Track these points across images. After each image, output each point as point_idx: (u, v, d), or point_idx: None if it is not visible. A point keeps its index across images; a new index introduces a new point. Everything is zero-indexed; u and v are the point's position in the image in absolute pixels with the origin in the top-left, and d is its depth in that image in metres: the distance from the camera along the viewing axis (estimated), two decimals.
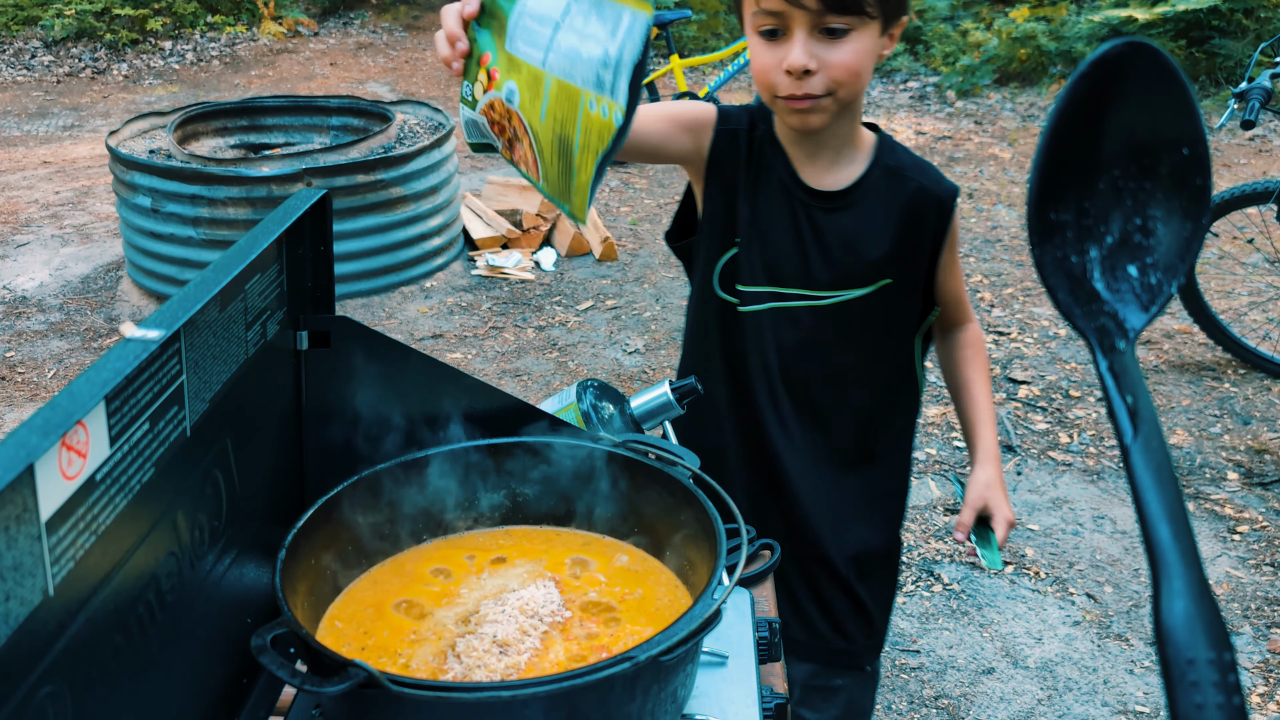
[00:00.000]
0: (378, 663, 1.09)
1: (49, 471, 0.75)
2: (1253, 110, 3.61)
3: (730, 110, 1.69)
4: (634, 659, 0.94)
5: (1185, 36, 8.39)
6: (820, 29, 1.48)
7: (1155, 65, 1.14)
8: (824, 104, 1.54)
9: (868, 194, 1.66)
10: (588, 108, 1.11)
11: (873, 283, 1.67)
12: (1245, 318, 4.79)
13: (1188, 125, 1.14)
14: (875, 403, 1.76)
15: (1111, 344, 1.08)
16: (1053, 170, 1.16)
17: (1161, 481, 0.96)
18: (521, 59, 1.17)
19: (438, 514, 1.31)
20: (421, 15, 12.25)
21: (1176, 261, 1.14)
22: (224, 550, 1.08)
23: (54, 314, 5.14)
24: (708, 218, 1.70)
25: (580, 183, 1.15)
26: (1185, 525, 0.93)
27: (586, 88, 1.10)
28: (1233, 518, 3.49)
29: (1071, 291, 1.13)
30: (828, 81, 1.51)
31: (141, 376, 0.87)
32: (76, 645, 0.81)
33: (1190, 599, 0.88)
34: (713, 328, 1.72)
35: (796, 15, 1.47)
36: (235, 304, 1.06)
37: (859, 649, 1.85)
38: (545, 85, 1.14)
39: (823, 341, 1.70)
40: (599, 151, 1.11)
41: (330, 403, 1.29)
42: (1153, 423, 1.00)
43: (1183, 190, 1.14)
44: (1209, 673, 0.84)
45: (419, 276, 5.41)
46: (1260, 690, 2.77)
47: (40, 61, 10.62)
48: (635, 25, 1.07)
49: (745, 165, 1.66)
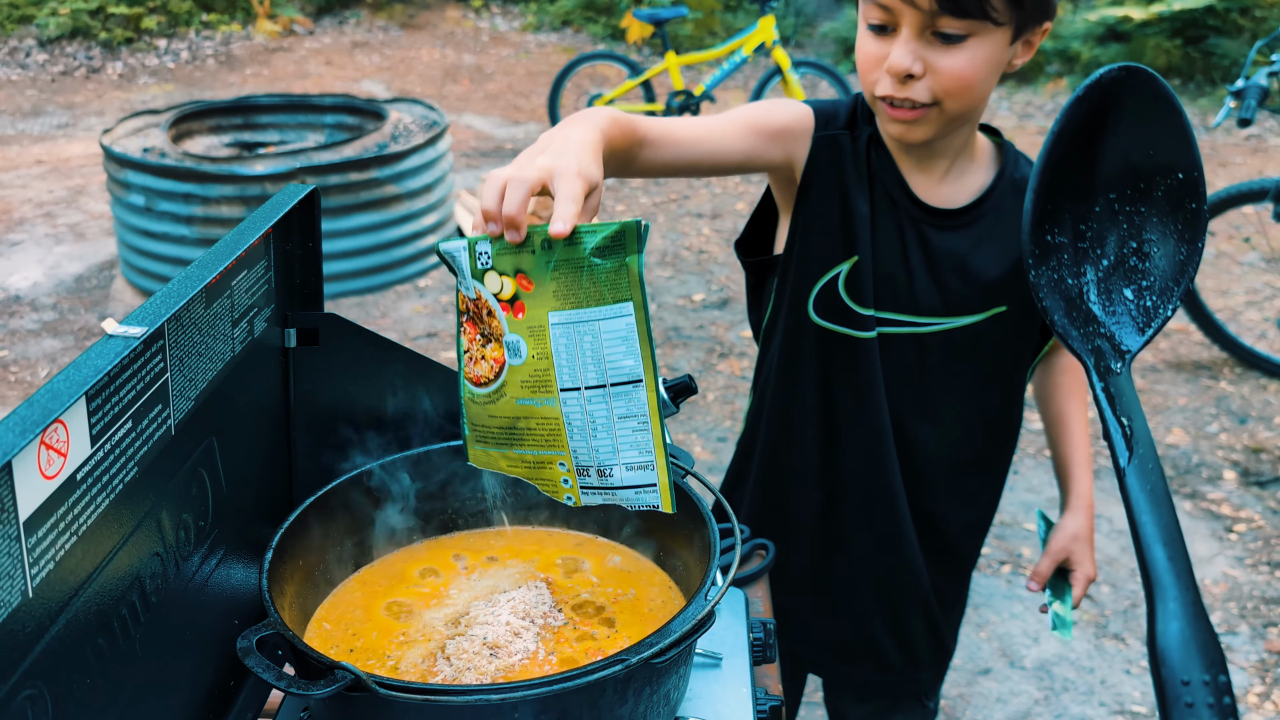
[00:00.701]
0: (366, 665, 1.08)
1: (27, 470, 0.73)
2: (1249, 108, 3.61)
3: (827, 110, 1.50)
4: (626, 661, 0.92)
5: (1181, 35, 8.38)
6: (933, 31, 1.32)
7: (1150, 90, 1.13)
8: (929, 115, 1.37)
9: (988, 212, 1.49)
10: (558, 469, 1.06)
11: (985, 310, 1.51)
12: (1242, 316, 4.79)
13: (1183, 150, 1.13)
14: (974, 439, 1.62)
15: (1107, 366, 1.07)
16: (1049, 192, 1.15)
17: (1157, 504, 0.95)
18: (551, 345, 1.02)
19: (428, 514, 1.30)
20: (417, 13, 12.23)
21: (1171, 285, 1.13)
22: (210, 551, 1.07)
23: (47, 313, 5.12)
24: (801, 232, 1.52)
25: (492, 459, 1.10)
26: (1181, 547, 0.92)
27: (574, 460, 1.04)
28: (1229, 517, 3.48)
29: (1068, 313, 1.12)
30: (934, 89, 1.34)
31: (124, 374, 0.85)
32: (57, 647, 0.79)
33: (1185, 620, 0.87)
34: (807, 356, 1.56)
35: (907, 13, 1.31)
36: (222, 300, 1.05)
37: (927, 679, 1.77)
38: (545, 398, 1.03)
39: (929, 374, 1.54)
40: (529, 480, 1.09)
41: (319, 401, 1.27)
42: (1148, 445, 0.99)
43: (1178, 214, 1.13)
44: (1204, 694, 0.83)
45: (413, 275, 5.39)
46: (1257, 690, 2.76)
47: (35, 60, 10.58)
48: (642, 499, 1.04)
49: (850, 171, 1.48)
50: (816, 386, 1.58)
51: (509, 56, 10.93)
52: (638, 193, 6.68)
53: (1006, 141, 1.55)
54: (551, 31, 11.65)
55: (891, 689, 1.77)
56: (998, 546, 3.35)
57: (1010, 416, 1.65)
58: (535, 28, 11.72)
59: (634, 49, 10.25)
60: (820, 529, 1.66)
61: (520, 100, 9.41)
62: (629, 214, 6.33)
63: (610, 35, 11.00)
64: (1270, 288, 4.99)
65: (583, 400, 1.02)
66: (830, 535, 1.66)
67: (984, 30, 1.31)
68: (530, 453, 1.07)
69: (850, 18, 9.95)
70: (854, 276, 1.49)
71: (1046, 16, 1.36)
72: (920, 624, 1.70)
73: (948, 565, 1.70)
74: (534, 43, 11.37)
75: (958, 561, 1.73)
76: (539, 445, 1.06)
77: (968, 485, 1.66)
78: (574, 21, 11.54)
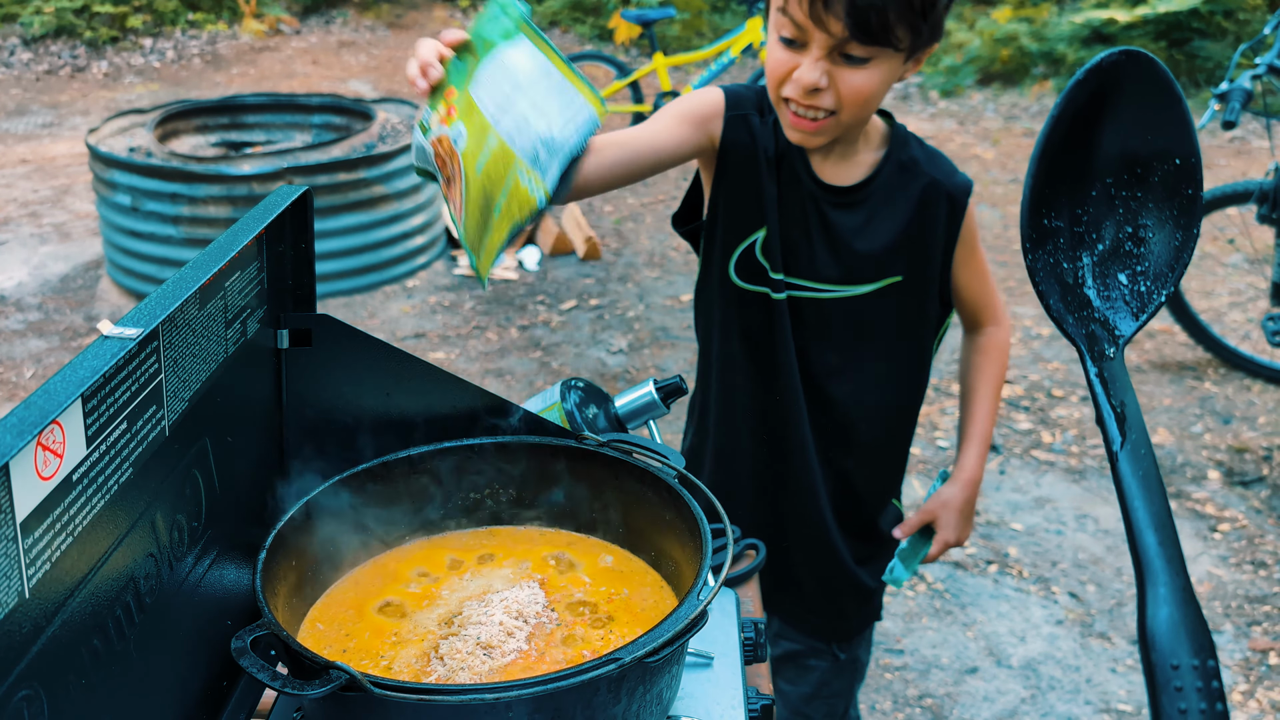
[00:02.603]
0: (359, 665, 1.08)
1: (24, 471, 0.73)
2: (1233, 111, 3.63)
3: (739, 94, 1.64)
4: (619, 661, 0.93)
5: (1166, 38, 8.43)
6: (840, 52, 1.44)
7: (1151, 75, 1.14)
8: (828, 125, 1.51)
9: (878, 189, 1.63)
10: (519, 177, 1.17)
11: (880, 279, 1.65)
12: (1226, 317, 4.82)
13: (1181, 136, 1.14)
14: (879, 399, 1.75)
15: (1101, 351, 1.08)
16: (1047, 176, 1.15)
17: (1149, 489, 0.95)
18: (479, 107, 1.20)
19: (420, 514, 1.30)
20: (404, 13, 12.21)
21: (1166, 270, 1.14)
22: (204, 551, 1.07)
23: (32, 313, 5.10)
24: (722, 204, 1.67)
25: (491, 243, 1.20)
26: (1172, 533, 0.93)
27: (523, 158, 1.15)
28: (1214, 516, 3.50)
29: (1063, 298, 1.13)
30: (836, 101, 1.48)
31: (119, 375, 0.86)
32: (53, 648, 0.79)
33: (1175, 605, 0.88)
34: (732, 314, 1.71)
35: (819, 35, 1.43)
36: (215, 302, 1.05)
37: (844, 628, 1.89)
38: (488, 140, 1.19)
39: (834, 336, 1.68)
40: (515, 220, 1.17)
41: (311, 402, 1.27)
42: (1140, 430, 1.00)
43: (1174, 200, 1.13)
44: (1193, 678, 0.84)
45: (401, 275, 5.39)
46: (1241, 688, 2.79)
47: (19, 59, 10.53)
48: (585, 119, 1.15)
49: (760, 151, 1.62)
50: (741, 343, 1.72)
51: None
52: (625, 193, 6.69)
53: (898, 125, 1.68)
54: None
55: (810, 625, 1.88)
56: (984, 546, 3.36)
57: (914, 380, 1.78)
58: None
59: (622, 50, 10.26)
60: (760, 474, 1.79)
61: None
62: (616, 214, 6.34)
63: (598, 36, 11.00)
64: (1254, 289, 5.02)
65: (509, 106, 1.19)
66: (765, 482, 1.79)
67: (885, 54, 1.45)
68: (501, 195, 1.18)
69: None
70: (767, 244, 1.64)
71: (936, 39, 1.51)
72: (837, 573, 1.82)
73: (858, 523, 1.82)
74: None
75: (869, 522, 1.83)
76: (497, 182, 1.18)
77: (873, 444, 1.79)
78: (561, 22, 11.54)
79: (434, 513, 1.31)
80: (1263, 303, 4.83)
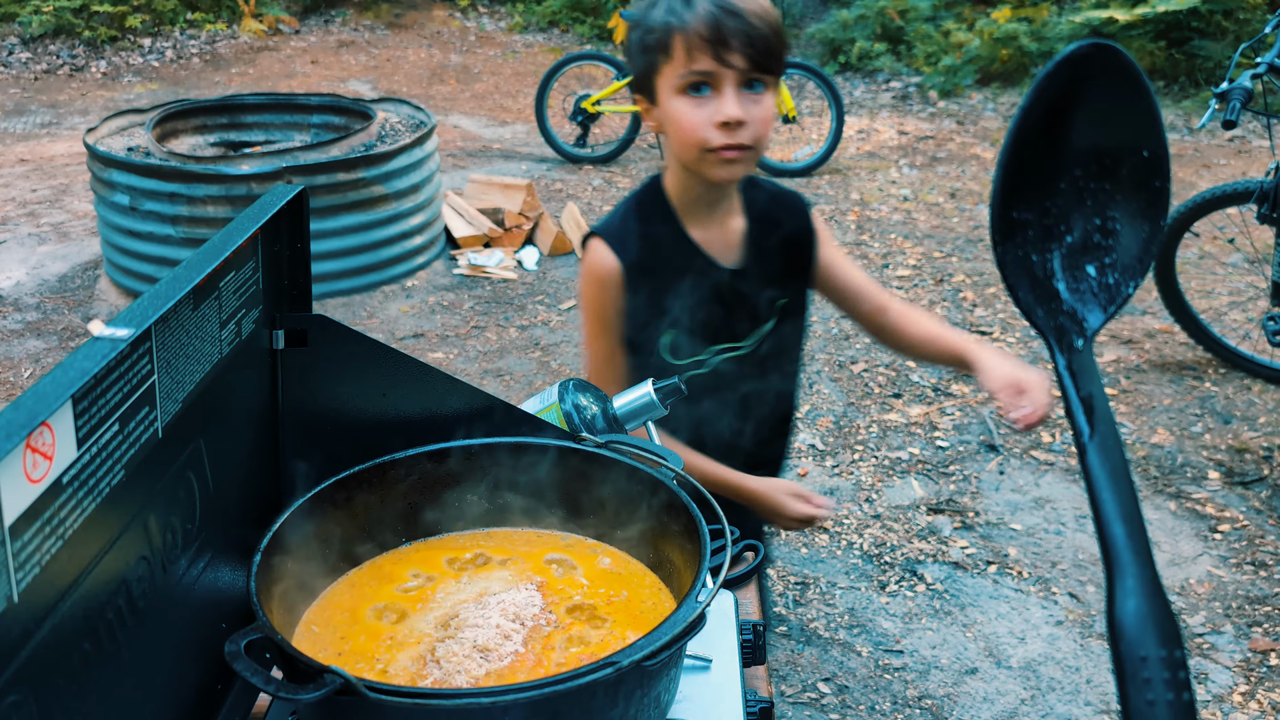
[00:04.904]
0: (355, 668, 1.07)
1: (12, 474, 0.72)
2: (1233, 110, 3.63)
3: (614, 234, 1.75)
4: (617, 664, 0.92)
5: (1165, 38, 8.43)
6: (745, 85, 1.61)
7: (1119, 67, 1.13)
8: (748, 156, 1.66)
9: (755, 258, 1.80)
10: None
11: (775, 309, 1.84)
12: (1226, 317, 4.81)
13: (1149, 128, 1.14)
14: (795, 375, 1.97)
15: (1070, 343, 1.08)
16: (1016, 169, 1.15)
17: (1117, 481, 0.95)
18: None
19: (417, 516, 1.29)
20: (404, 13, 12.20)
21: (1135, 263, 1.14)
22: (197, 554, 1.06)
23: (31, 313, 5.09)
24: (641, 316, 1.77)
25: None
26: (1139, 525, 0.92)
27: None
28: (1214, 517, 3.50)
29: (1032, 290, 1.13)
30: (751, 135, 1.63)
31: (111, 376, 0.85)
32: (43, 652, 0.79)
33: (1143, 597, 0.88)
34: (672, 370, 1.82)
35: (728, 74, 1.59)
36: (209, 302, 1.04)
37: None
38: None
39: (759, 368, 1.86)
40: None
41: (307, 403, 1.26)
42: (1109, 422, 0.99)
43: (1142, 192, 1.13)
44: (1160, 670, 0.85)
45: (400, 275, 5.38)
46: (1241, 689, 2.78)
47: (18, 58, 10.52)
48: None
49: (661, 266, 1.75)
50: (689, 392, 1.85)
51: (496, 56, 10.92)
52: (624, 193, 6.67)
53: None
54: (538, 32, 11.64)
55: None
56: (984, 546, 3.36)
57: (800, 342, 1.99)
58: (522, 28, 11.71)
59: (621, 49, 10.25)
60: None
61: (507, 100, 9.40)
62: None
63: (597, 35, 11.00)
64: (1253, 289, 5.01)
65: None
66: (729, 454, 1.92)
67: (772, 82, 1.65)
68: None
69: (838, 19, 9.97)
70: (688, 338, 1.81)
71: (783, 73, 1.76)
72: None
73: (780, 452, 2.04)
74: (521, 43, 11.36)
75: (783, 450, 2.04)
76: None
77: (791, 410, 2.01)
78: (561, 22, 11.54)
79: (431, 514, 1.30)
80: (1263, 302, 4.83)
